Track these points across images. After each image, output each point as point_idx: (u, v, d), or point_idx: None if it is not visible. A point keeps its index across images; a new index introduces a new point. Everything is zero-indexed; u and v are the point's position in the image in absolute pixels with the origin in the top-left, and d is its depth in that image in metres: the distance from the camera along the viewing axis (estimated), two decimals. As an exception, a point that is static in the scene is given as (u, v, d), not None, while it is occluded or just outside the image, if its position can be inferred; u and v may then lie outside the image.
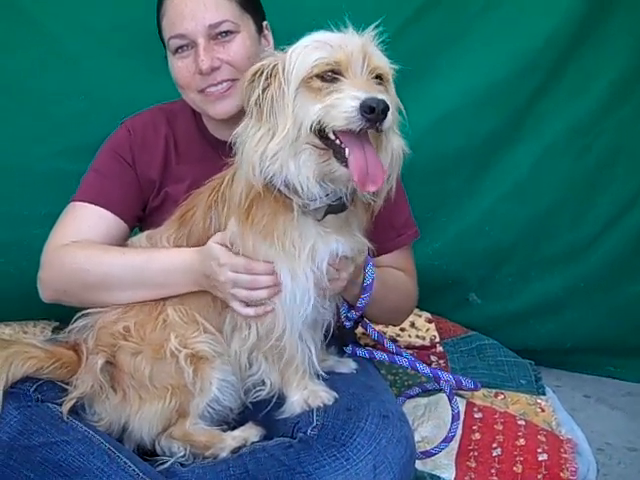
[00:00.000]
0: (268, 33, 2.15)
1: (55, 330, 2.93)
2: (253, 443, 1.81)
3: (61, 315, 2.84)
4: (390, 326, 2.90)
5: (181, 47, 2.04)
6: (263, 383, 1.89)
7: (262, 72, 1.66)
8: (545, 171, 3.05)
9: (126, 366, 1.84)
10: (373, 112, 1.51)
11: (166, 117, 2.23)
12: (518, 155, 3.06)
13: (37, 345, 1.86)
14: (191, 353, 1.82)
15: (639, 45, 2.92)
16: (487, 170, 3.08)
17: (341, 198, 1.70)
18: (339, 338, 2.08)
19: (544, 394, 2.67)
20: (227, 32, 2.01)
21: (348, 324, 2.04)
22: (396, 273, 2.21)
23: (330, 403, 1.81)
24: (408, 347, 2.98)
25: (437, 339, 3.05)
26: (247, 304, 1.81)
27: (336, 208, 1.72)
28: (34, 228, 2.70)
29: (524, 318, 3.21)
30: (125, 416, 1.84)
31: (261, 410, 1.89)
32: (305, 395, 1.84)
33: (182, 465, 1.81)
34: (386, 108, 1.52)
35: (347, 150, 1.58)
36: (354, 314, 2.00)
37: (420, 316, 3.13)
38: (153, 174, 2.17)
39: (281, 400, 1.88)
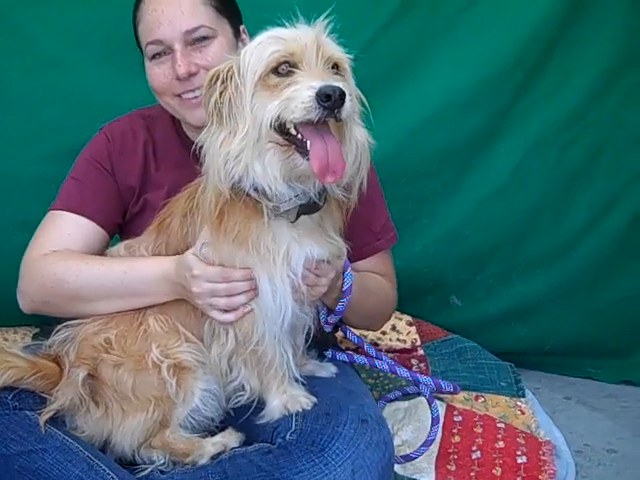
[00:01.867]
0: (246, 37, 2.14)
1: (35, 336, 2.92)
2: (233, 449, 1.81)
3: (42, 321, 2.84)
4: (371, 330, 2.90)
5: (158, 53, 2.03)
6: (243, 388, 1.88)
7: (218, 76, 1.67)
8: (525, 172, 3.07)
9: (108, 379, 1.83)
10: (330, 99, 1.50)
11: (145, 123, 2.22)
12: (498, 157, 3.07)
13: (19, 355, 1.84)
14: (173, 363, 1.81)
15: (619, 43, 2.94)
16: (468, 172, 3.09)
17: (312, 198, 1.69)
18: (319, 342, 2.08)
19: (524, 396, 2.70)
20: (204, 37, 2.01)
21: (327, 328, 2.03)
22: (375, 277, 2.21)
23: (309, 408, 1.81)
24: (389, 350, 3.00)
25: (418, 342, 3.07)
26: (226, 310, 1.81)
27: (308, 208, 1.72)
28: (12, 233, 2.71)
29: (504, 320, 3.22)
30: (107, 430, 1.83)
31: (241, 416, 1.88)
32: (284, 400, 1.84)
33: (162, 472, 1.81)
34: (342, 94, 1.51)
35: (309, 142, 1.57)
36: (333, 318, 1.99)
37: (401, 319, 3.15)
38: (132, 181, 2.16)
39: (261, 405, 1.87)
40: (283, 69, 1.58)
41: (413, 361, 2.91)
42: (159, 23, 1.99)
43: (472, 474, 2.16)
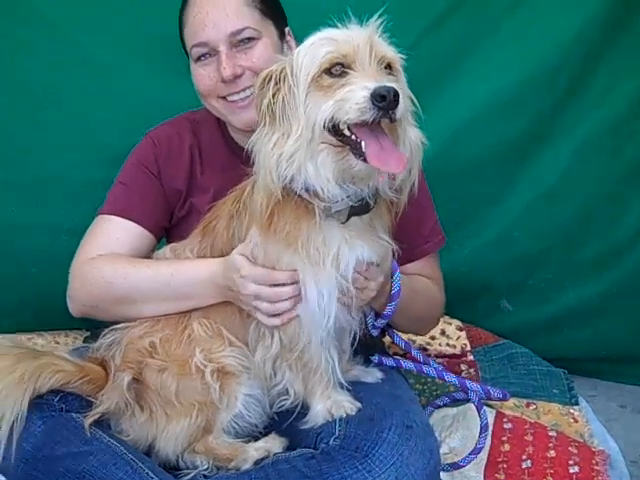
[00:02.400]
0: (291, 39, 2.14)
1: (86, 340, 2.96)
2: (276, 454, 1.80)
3: (93, 325, 2.87)
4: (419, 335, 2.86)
5: (203, 55, 2.04)
6: (287, 392, 1.88)
7: (271, 77, 1.66)
8: (576, 174, 3.00)
9: (152, 383, 1.84)
10: (385, 100, 1.49)
11: (190, 126, 2.23)
12: (548, 159, 3.01)
13: (67, 358, 1.85)
14: (217, 368, 1.81)
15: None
16: (517, 174, 3.04)
17: (364, 199, 1.68)
18: (366, 347, 2.05)
19: (577, 404, 2.64)
20: (249, 39, 2.02)
21: (375, 332, 2.01)
22: (423, 281, 2.19)
23: (353, 413, 1.79)
24: (438, 355, 2.97)
25: (468, 347, 3.03)
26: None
27: (360, 209, 1.70)
28: (64, 238, 2.75)
29: (557, 325, 3.15)
30: (152, 434, 1.84)
31: (284, 420, 1.88)
32: (328, 405, 1.83)
33: (205, 477, 1.81)
34: (397, 95, 1.50)
35: (363, 143, 1.56)
36: (381, 322, 1.97)
37: (451, 324, 3.12)
38: (179, 184, 2.17)
39: (305, 410, 1.86)
40: (336, 70, 1.58)
41: (462, 366, 2.88)
42: (204, 25, 2.01)
43: (522, 483, 2.11)
